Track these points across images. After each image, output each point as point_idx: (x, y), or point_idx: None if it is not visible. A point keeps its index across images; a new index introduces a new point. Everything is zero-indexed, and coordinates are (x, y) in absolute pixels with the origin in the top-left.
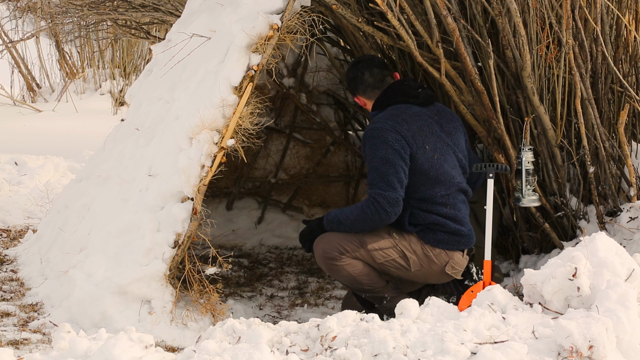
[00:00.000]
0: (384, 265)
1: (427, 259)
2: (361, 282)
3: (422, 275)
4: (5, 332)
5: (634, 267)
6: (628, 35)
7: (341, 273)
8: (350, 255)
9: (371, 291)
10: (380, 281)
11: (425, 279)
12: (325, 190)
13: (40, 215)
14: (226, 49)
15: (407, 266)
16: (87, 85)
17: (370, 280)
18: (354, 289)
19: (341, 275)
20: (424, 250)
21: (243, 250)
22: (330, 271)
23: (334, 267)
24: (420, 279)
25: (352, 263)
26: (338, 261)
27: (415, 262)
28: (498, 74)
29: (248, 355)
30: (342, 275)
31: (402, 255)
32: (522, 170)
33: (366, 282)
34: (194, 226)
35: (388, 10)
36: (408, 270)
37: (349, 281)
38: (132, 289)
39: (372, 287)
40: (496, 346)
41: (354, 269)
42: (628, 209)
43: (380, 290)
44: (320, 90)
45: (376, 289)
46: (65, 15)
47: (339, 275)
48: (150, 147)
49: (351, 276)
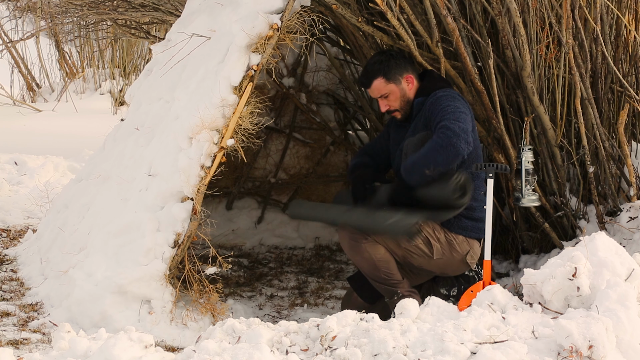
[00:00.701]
0: (407, 252)
1: (450, 246)
2: (379, 269)
3: (442, 263)
4: (5, 332)
5: (633, 267)
6: (628, 35)
7: (363, 255)
8: (377, 238)
9: (386, 282)
10: (398, 274)
11: (444, 269)
12: (325, 190)
13: (40, 215)
14: (226, 48)
15: (429, 253)
16: (86, 85)
17: (389, 270)
18: (370, 276)
19: (362, 258)
20: (447, 237)
21: (243, 250)
22: (352, 251)
23: (358, 247)
24: (440, 268)
25: (376, 247)
26: (363, 242)
27: (438, 249)
28: (498, 74)
29: (248, 355)
30: (363, 258)
31: (426, 242)
32: (522, 170)
33: (384, 270)
34: (194, 226)
35: (388, 10)
36: (430, 257)
37: (368, 265)
38: (132, 289)
39: (389, 278)
40: (496, 346)
41: (377, 253)
42: (628, 208)
43: (395, 283)
44: (320, 90)
45: (392, 281)
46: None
47: (360, 258)
48: (150, 147)
49: (372, 260)
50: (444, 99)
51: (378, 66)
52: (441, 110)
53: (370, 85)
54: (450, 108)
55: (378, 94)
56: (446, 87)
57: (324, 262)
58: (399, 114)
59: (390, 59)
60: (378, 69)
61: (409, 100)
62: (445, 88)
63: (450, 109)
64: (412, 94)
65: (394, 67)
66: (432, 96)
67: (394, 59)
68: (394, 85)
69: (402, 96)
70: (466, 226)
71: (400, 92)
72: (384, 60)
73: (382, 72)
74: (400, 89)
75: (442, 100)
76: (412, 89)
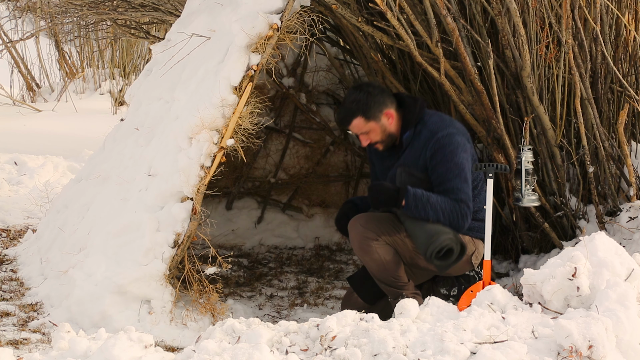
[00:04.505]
0: (415, 253)
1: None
2: (388, 271)
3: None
4: (5, 331)
5: (633, 267)
6: (627, 35)
7: (372, 255)
8: (387, 240)
9: (393, 284)
10: (405, 277)
11: (450, 269)
12: (325, 190)
13: (40, 215)
14: (226, 48)
15: None
16: (86, 85)
17: (397, 272)
18: (378, 277)
19: (372, 258)
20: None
21: (243, 250)
22: (361, 251)
23: (368, 248)
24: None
25: (386, 249)
26: (374, 242)
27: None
28: (498, 74)
29: (248, 355)
30: (372, 258)
31: None
32: (522, 170)
33: (393, 272)
34: (194, 226)
35: (387, 10)
36: None
37: (377, 266)
38: (131, 289)
39: (396, 280)
40: (496, 346)
41: (387, 255)
42: (627, 208)
43: (401, 286)
44: (320, 90)
45: (398, 284)
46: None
47: (369, 258)
48: (150, 147)
49: (381, 261)
50: (448, 150)
51: (356, 105)
52: (448, 170)
53: (349, 125)
54: (457, 168)
55: (358, 132)
56: (424, 114)
57: (324, 262)
58: (381, 146)
59: (368, 97)
60: (356, 109)
61: (390, 133)
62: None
63: (457, 170)
64: (394, 128)
65: (373, 105)
66: (433, 137)
67: (372, 96)
68: (373, 122)
69: (383, 131)
70: (472, 227)
71: (381, 128)
72: (362, 99)
73: (360, 111)
74: (381, 125)
75: (446, 150)
76: (393, 123)
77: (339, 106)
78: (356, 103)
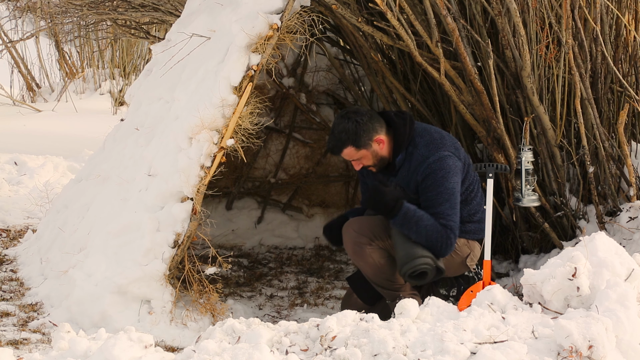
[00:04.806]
0: None
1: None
2: (383, 273)
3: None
4: (5, 332)
5: (633, 267)
6: (627, 35)
7: (367, 260)
8: (380, 244)
9: (389, 287)
10: (400, 279)
11: (446, 271)
12: (325, 190)
13: (40, 215)
14: (226, 48)
15: None
16: (86, 85)
17: (392, 275)
18: (373, 280)
19: (366, 262)
20: None
21: (243, 250)
22: (355, 256)
23: (361, 252)
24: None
25: (380, 252)
26: (367, 247)
27: None
28: (498, 74)
29: (248, 355)
30: (366, 263)
31: None
32: (522, 170)
33: (388, 275)
34: (194, 226)
35: (388, 10)
36: None
37: (371, 270)
38: (131, 289)
39: (392, 282)
40: (496, 346)
41: (381, 258)
42: (627, 208)
43: (398, 288)
44: (320, 90)
45: (395, 286)
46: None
47: (363, 262)
48: (150, 147)
49: (375, 265)
50: (439, 174)
51: (345, 135)
52: (438, 194)
53: (340, 153)
54: (447, 193)
55: (350, 159)
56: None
57: (324, 262)
58: (374, 169)
59: (357, 126)
60: (346, 139)
61: (382, 157)
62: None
63: (447, 195)
64: (385, 152)
65: (362, 134)
66: (424, 161)
67: (361, 125)
68: (364, 150)
69: (375, 157)
70: (468, 229)
71: (372, 154)
72: (351, 128)
73: (350, 141)
74: (372, 151)
75: (437, 175)
76: (384, 147)
77: (329, 133)
78: (345, 133)
